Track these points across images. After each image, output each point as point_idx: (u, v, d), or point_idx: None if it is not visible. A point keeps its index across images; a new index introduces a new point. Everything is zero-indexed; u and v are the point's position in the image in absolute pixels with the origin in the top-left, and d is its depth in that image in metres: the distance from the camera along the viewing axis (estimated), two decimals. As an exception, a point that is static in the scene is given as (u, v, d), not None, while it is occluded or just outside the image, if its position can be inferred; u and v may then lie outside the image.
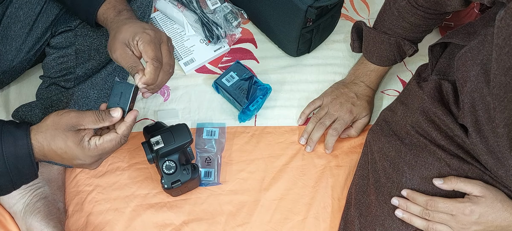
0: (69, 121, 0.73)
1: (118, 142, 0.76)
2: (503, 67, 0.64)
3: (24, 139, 0.72)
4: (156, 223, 1.00)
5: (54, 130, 0.73)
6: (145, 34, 0.81)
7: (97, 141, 0.75)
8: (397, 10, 0.98)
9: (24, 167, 0.73)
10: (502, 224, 0.81)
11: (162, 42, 0.83)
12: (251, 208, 1.03)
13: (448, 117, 0.87)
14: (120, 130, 0.76)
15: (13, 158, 0.72)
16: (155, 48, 0.81)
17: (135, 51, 0.82)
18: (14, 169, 0.73)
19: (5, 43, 0.99)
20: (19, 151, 0.72)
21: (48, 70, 1.03)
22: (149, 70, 0.80)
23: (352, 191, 0.99)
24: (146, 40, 0.81)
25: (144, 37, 0.81)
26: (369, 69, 1.10)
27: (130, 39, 0.81)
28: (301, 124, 1.12)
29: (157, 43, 0.82)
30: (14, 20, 0.98)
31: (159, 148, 0.90)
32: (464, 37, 0.86)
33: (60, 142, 0.73)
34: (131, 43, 0.82)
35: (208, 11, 1.22)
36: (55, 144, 0.73)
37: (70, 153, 0.73)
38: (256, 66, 1.20)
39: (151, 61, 0.80)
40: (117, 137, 0.76)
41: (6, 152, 0.72)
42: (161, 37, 0.84)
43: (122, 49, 0.81)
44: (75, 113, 0.74)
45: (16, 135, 0.72)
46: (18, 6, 0.98)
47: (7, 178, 0.73)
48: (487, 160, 0.80)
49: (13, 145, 0.72)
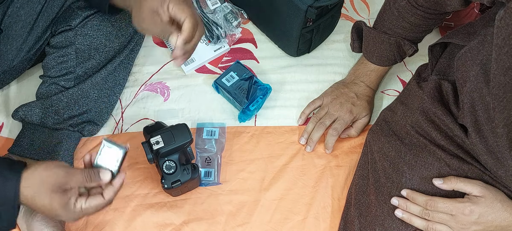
0: (57, 180, 0.72)
1: (103, 206, 0.76)
2: (502, 67, 0.64)
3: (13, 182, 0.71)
4: (156, 223, 1.01)
5: (40, 187, 0.72)
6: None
7: (84, 204, 0.74)
8: (397, 10, 0.98)
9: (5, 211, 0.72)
10: (501, 224, 0.81)
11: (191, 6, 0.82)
12: (251, 208, 1.03)
13: (448, 117, 0.87)
14: (108, 195, 0.76)
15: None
16: (189, 6, 0.80)
17: (165, 17, 0.81)
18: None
19: (6, 42, 0.99)
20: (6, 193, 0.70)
21: (48, 70, 1.03)
22: (188, 26, 0.79)
23: (352, 191, 0.99)
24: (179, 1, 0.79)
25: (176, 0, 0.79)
26: (369, 69, 1.10)
27: (159, 5, 0.80)
28: (301, 124, 1.12)
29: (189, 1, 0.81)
30: (15, 19, 0.98)
31: (159, 148, 0.90)
32: (464, 37, 0.86)
33: (46, 201, 0.72)
34: (160, 10, 0.80)
35: (208, 11, 1.22)
36: (40, 201, 0.72)
37: (54, 213, 0.73)
38: (256, 66, 1.20)
39: (189, 17, 0.79)
40: (103, 202, 0.76)
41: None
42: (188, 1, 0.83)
43: (151, 17, 0.80)
44: (63, 173, 0.73)
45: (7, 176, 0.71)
46: (20, 6, 0.98)
47: None
48: (487, 160, 0.80)
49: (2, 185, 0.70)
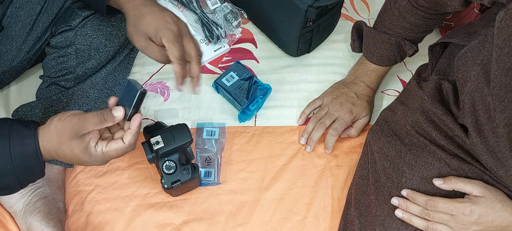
0: (72, 128, 0.72)
1: (125, 150, 0.76)
2: (503, 67, 0.64)
3: (32, 138, 0.72)
4: (156, 222, 1.01)
5: (58, 138, 0.72)
6: (168, 31, 0.81)
7: (104, 147, 0.74)
8: (398, 10, 0.98)
9: (31, 165, 0.73)
10: (502, 224, 0.81)
11: (184, 36, 0.83)
12: (251, 208, 1.03)
13: (448, 117, 0.87)
14: (127, 139, 0.76)
15: (21, 157, 0.72)
16: (179, 47, 0.81)
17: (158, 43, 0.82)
18: (21, 168, 0.73)
19: (5, 43, 0.99)
20: (26, 149, 0.72)
21: (48, 70, 1.03)
22: (177, 70, 0.80)
23: (352, 191, 0.99)
24: (170, 39, 0.80)
25: (167, 35, 0.80)
26: (369, 69, 1.10)
27: (153, 35, 0.81)
28: (301, 123, 1.12)
29: (180, 39, 0.82)
30: (14, 20, 0.98)
31: (159, 148, 0.90)
32: (464, 37, 0.86)
33: (67, 150, 0.73)
34: (154, 39, 0.81)
35: (208, 11, 1.22)
36: (62, 151, 0.73)
37: (78, 159, 0.74)
38: (256, 66, 1.20)
39: (177, 61, 0.80)
40: (123, 147, 0.76)
41: (14, 151, 0.72)
42: (182, 31, 0.83)
43: (146, 43, 0.82)
44: (77, 119, 0.73)
45: (24, 134, 0.72)
46: (19, 6, 0.98)
47: (14, 177, 0.74)
48: (487, 160, 0.80)
49: (21, 144, 0.72)
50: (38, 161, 0.73)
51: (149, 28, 0.81)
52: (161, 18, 0.82)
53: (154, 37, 0.81)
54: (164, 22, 0.82)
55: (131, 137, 0.76)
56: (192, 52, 0.83)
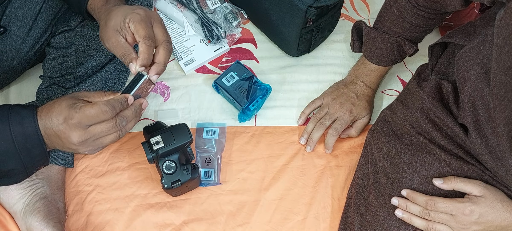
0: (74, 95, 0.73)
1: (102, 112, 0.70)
2: (503, 66, 0.64)
3: (31, 117, 0.71)
4: (156, 223, 1.00)
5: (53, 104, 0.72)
6: (135, 14, 0.78)
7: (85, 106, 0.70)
8: (398, 9, 0.98)
9: (34, 147, 0.72)
10: (502, 224, 0.81)
11: (154, 21, 0.80)
12: (251, 208, 1.03)
13: (448, 117, 0.87)
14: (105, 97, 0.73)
15: (21, 137, 0.71)
16: (146, 26, 0.78)
17: (128, 36, 0.79)
18: (23, 150, 0.72)
19: (5, 43, 0.99)
20: (26, 130, 0.71)
21: (48, 70, 1.03)
22: (142, 49, 0.77)
23: (352, 191, 0.99)
24: (137, 20, 0.78)
25: (134, 17, 0.78)
26: (369, 69, 1.10)
27: (122, 23, 0.79)
28: (301, 124, 1.12)
29: (148, 21, 0.79)
30: (13, 19, 0.98)
31: (159, 148, 0.90)
32: (464, 37, 0.86)
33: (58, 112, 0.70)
34: (122, 28, 0.79)
35: (208, 11, 1.22)
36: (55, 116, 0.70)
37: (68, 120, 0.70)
38: (256, 66, 1.20)
39: (143, 40, 0.77)
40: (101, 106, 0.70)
41: (14, 131, 0.70)
42: (152, 16, 0.81)
43: (114, 37, 0.79)
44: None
45: (23, 114, 0.72)
46: (17, 6, 0.97)
47: (18, 160, 0.72)
48: (487, 159, 0.80)
49: (20, 124, 0.71)
50: (39, 141, 0.72)
51: (117, 18, 0.79)
52: (129, 7, 0.81)
53: (123, 24, 0.79)
54: (131, 9, 0.80)
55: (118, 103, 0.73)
56: (161, 36, 0.80)
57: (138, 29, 0.77)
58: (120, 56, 0.78)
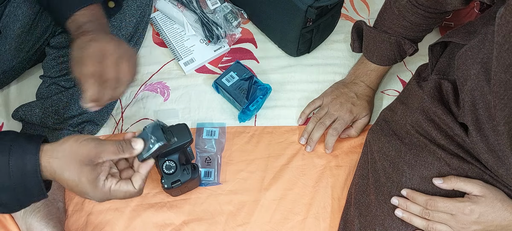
0: (88, 153, 0.68)
1: (133, 195, 0.73)
2: (503, 64, 0.64)
3: (33, 154, 0.67)
4: (156, 223, 1.00)
5: (71, 160, 0.68)
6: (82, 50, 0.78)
7: (113, 185, 0.71)
8: (398, 9, 0.98)
9: (31, 185, 0.68)
10: (502, 224, 0.81)
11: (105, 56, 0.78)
12: (251, 208, 1.03)
13: (448, 116, 0.87)
14: (137, 183, 0.73)
15: (19, 173, 0.67)
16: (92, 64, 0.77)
17: None
18: (20, 185, 0.68)
19: (4, 43, 0.99)
20: (26, 167, 0.67)
21: (48, 70, 1.03)
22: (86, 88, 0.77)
23: (352, 191, 0.99)
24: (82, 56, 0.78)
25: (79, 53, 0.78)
26: (369, 69, 1.10)
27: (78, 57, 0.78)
28: (301, 123, 1.12)
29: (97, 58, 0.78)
30: (13, 19, 0.98)
31: (159, 147, 0.90)
32: (464, 36, 0.86)
33: (74, 175, 0.68)
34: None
35: (208, 11, 1.22)
36: (68, 174, 0.68)
37: (81, 188, 0.69)
38: (256, 66, 1.20)
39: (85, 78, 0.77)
40: (133, 191, 0.73)
41: (12, 165, 0.67)
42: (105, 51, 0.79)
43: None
44: (94, 144, 0.69)
45: (26, 148, 0.68)
46: (17, 5, 0.97)
47: (11, 194, 0.68)
48: (488, 158, 0.80)
49: (21, 158, 0.67)
50: (38, 181, 0.68)
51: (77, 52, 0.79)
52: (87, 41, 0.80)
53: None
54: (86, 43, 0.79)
55: (141, 181, 0.73)
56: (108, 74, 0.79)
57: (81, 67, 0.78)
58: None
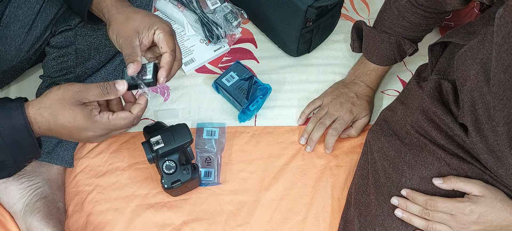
0: (73, 95, 0.71)
1: (131, 121, 0.76)
2: (502, 65, 0.64)
3: (18, 109, 0.70)
4: (156, 223, 1.00)
5: (60, 104, 0.71)
6: (165, 25, 0.81)
7: (111, 115, 0.74)
8: (397, 9, 0.98)
9: (23, 140, 0.71)
10: (501, 224, 0.81)
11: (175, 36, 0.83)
12: (251, 208, 1.03)
13: (448, 116, 0.87)
14: (135, 110, 0.76)
15: (10, 130, 0.70)
16: (174, 40, 0.81)
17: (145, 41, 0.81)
18: (13, 142, 0.71)
19: (4, 42, 0.99)
20: (14, 122, 0.70)
21: (48, 70, 1.03)
22: (169, 60, 0.79)
23: (352, 191, 0.99)
24: (167, 31, 0.80)
25: (164, 28, 0.80)
26: (369, 69, 1.10)
27: (146, 28, 0.80)
28: (301, 123, 1.12)
29: (174, 36, 0.82)
30: (13, 19, 0.98)
31: (159, 147, 0.90)
32: (464, 36, 0.86)
33: (68, 116, 0.71)
34: (144, 33, 0.80)
35: (208, 11, 1.22)
36: (63, 117, 0.71)
37: (80, 125, 0.72)
38: (256, 66, 1.20)
39: (171, 53, 0.80)
40: (130, 117, 0.75)
41: (1, 125, 0.69)
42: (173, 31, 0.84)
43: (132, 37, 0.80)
44: (78, 87, 0.73)
45: (10, 106, 0.71)
46: (17, 5, 0.98)
47: (7, 153, 0.72)
48: (487, 159, 0.80)
49: (7, 116, 0.70)
50: (29, 134, 0.71)
51: (143, 22, 0.80)
52: (156, 16, 0.83)
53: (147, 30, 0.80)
54: (159, 19, 0.82)
55: (140, 109, 0.76)
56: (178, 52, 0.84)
57: (169, 41, 0.80)
58: (126, 53, 0.79)
